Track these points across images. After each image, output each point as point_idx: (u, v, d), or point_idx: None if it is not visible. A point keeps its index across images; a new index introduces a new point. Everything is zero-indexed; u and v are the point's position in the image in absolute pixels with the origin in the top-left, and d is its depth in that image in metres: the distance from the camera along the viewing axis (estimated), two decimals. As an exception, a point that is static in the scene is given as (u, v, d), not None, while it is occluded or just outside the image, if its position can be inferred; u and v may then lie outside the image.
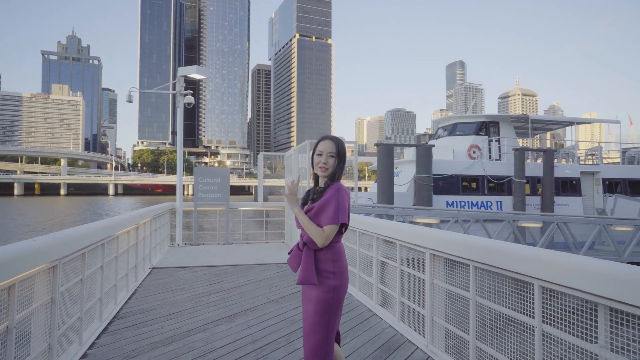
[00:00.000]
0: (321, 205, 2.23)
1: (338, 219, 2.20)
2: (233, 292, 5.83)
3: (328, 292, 2.26)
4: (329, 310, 2.26)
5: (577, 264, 2.18)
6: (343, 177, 2.40)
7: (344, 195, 2.25)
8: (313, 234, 2.21)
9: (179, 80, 9.89)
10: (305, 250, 2.28)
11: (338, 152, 2.33)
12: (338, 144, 2.34)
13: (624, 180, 19.40)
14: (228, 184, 10.47)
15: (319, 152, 2.34)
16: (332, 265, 2.28)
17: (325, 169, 2.30)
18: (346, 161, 2.39)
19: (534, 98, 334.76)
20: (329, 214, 2.20)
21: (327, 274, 2.27)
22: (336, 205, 2.20)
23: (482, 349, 2.97)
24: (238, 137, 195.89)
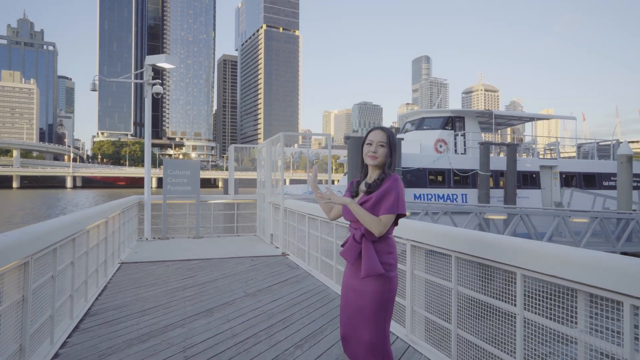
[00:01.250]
0: (380, 196, 2.20)
1: (397, 209, 2.18)
2: (208, 286, 5.74)
3: (386, 285, 2.22)
4: (386, 304, 2.23)
5: (559, 253, 2.28)
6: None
7: (402, 185, 2.24)
8: (370, 223, 2.17)
9: (146, 69, 9.55)
10: (365, 242, 2.23)
11: (388, 141, 2.31)
12: (389, 134, 2.32)
13: (579, 174, 20.40)
14: (198, 177, 10.26)
15: (369, 142, 2.31)
16: (388, 257, 2.26)
17: (375, 157, 2.28)
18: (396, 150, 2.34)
19: (496, 94, 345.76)
20: (388, 203, 2.18)
21: (385, 266, 2.24)
22: (396, 195, 2.19)
23: (463, 337, 3.06)
24: (203, 129, 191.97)
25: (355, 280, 2.29)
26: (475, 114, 21.06)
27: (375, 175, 2.33)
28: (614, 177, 20.66)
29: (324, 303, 4.95)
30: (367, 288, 2.23)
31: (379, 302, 2.21)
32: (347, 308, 2.31)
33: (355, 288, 2.28)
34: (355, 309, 2.26)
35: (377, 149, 2.29)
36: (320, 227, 6.16)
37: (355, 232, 2.29)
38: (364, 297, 2.23)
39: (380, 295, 2.22)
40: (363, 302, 2.23)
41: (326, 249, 6.01)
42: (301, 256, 7.30)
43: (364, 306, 2.22)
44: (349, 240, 2.33)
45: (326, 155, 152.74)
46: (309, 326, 4.17)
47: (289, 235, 8.11)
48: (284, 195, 8.25)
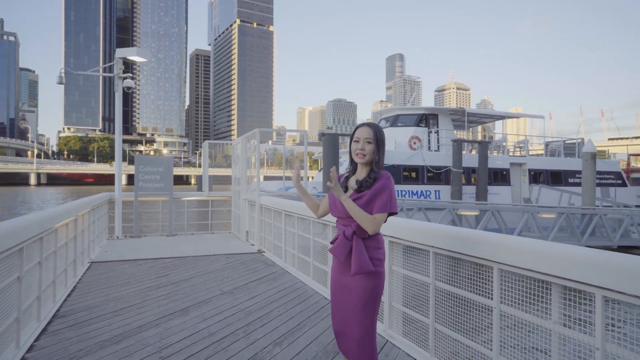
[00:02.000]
0: (374, 194, 2.20)
1: (389, 208, 2.19)
2: (183, 284, 5.63)
3: (375, 280, 2.25)
4: (375, 299, 2.26)
5: (535, 247, 2.33)
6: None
7: (393, 183, 2.24)
8: (364, 221, 2.16)
9: (117, 62, 9.25)
10: (356, 239, 2.23)
11: (375, 138, 2.28)
12: (376, 130, 2.30)
13: (546, 171, 21.10)
14: (171, 173, 10.04)
15: (355, 139, 2.29)
16: (379, 252, 2.28)
17: (363, 155, 2.26)
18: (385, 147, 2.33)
19: (467, 92, 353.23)
20: (381, 202, 2.18)
21: (376, 262, 2.25)
22: (389, 193, 2.20)
23: (440, 330, 3.10)
24: (175, 125, 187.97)
25: (345, 277, 2.29)
26: (448, 112, 21.45)
27: (365, 172, 2.32)
28: (578, 175, 21.47)
29: (301, 300, 4.94)
30: (357, 284, 2.24)
31: (368, 298, 2.23)
32: (338, 304, 2.32)
33: (345, 284, 2.29)
34: (346, 305, 2.27)
35: (364, 146, 2.27)
36: (297, 224, 6.13)
37: (345, 229, 2.27)
38: (354, 293, 2.25)
39: (370, 291, 2.24)
40: (353, 298, 2.25)
41: (303, 245, 5.99)
42: (278, 253, 7.26)
43: (354, 302, 2.24)
44: (339, 237, 2.30)
45: (301, 152, 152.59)
46: (287, 323, 4.15)
47: (265, 232, 8.05)
48: (259, 192, 8.17)
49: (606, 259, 1.96)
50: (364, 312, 2.23)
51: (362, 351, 2.23)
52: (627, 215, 14.83)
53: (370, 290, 2.23)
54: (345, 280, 2.28)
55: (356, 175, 2.35)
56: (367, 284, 2.23)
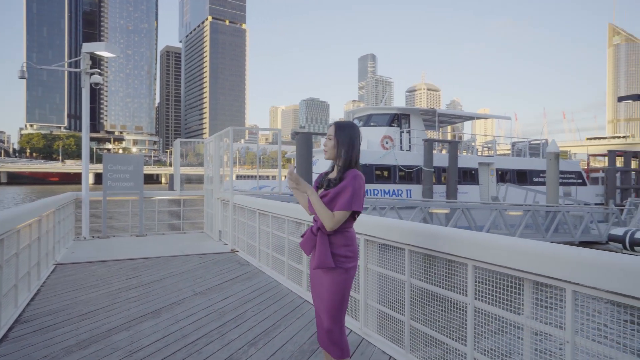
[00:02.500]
0: (337, 192, 2.25)
1: (351, 206, 2.23)
2: (154, 286, 5.49)
3: (341, 276, 2.32)
4: (341, 293, 2.33)
5: (508, 244, 2.39)
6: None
7: (360, 182, 2.26)
8: (323, 217, 2.24)
9: (84, 57, 8.92)
10: (320, 235, 2.31)
11: (335, 134, 2.34)
12: (337, 127, 2.36)
13: (512, 170, 21.76)
14: (142, 172, 9.77)
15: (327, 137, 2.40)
16: (345, 249, 2.34)
17: (325, 151, 2.37)
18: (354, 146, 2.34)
19: (438, 93, 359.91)
20: (343, 200, 2.23)
21: (340, 259, 2.32)
22: (352, 192, 2.23)
23: (416, 327, 3.14)
24: (145, 123, 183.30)
25: (317, 272, 2.40)
26: (419, 112, 21.80)
27: (336, 170, 2.40)
28: (542, 174, 22.27)
29: (276, 300, 4.90)
30: (326, 278, 2.35)
31: (335, 292, 2.33)
32: (314, 297, 2.45)
33: (316, 278, 2.41)
34: (318, 298, 2.41)
35: (326, 143, 2.37)
36: (272, 223, 6.08)
37: (314, 225, 2.38)
38: (323, 286, 2.36)
39: (336, 286, 2.33)
40: (323, 291, 2.36)
41: (278, 244, 5.94)
42: (251, 253, 7.18)
43: (324, 295, 2.35)
44: (307, 232, 2.42)
45: (273, 151, 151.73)
46: (262, 323, 4.11)
47: (239, 232, 7.95)
48: (233, 191, 8.07)
49: (575, 255, 2.02)
50: (331, 305, 2.33)
51: (332, 342, 2.36)
52: (588, 213, 15.49)
53: (335, 286, 2.32)
54: (317, 274, 2.40)
55: (331, 174, 2.42)
56: (333, 279, 2.33)
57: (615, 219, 16.03)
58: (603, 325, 2.02)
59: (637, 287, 1.73)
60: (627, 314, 1.92)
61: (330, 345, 2.37)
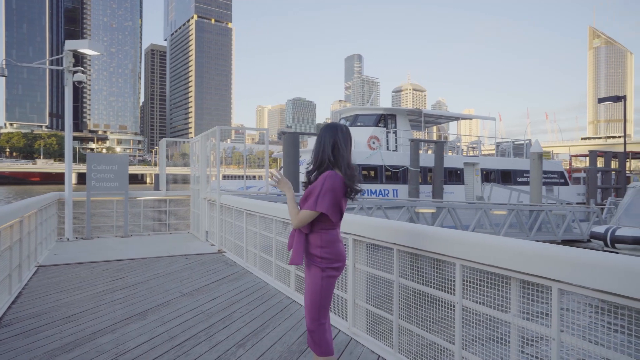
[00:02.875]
0: (308, 192, 2.35)
1: (316, 207, 2.27)
2: (140, 287, 5.42)
3: (317, 275, 2.39)
4: (318, 292, 2.39)
5: (496, 243, 2.42)
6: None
7: (329, 183, 2.25)
8: (291, 214, 2.39)
9: (66, 55, 8.75)
10: (297, 233, 2.39)
11: (319, 137, 2.43)
12: (321, 129, 2.43)
13: (497, 170, 22.07)
14: (127, 172, 9.63)
15: None
16: (320, 250, 2.37)
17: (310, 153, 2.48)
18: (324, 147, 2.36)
19: (423, 93, 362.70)
20: (311, 200, 2.29)
21: (315, 259, 2.39)
22: (318, 192, 2.27)
23: (404, 327, 3.16)
24: (129, 122, 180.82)
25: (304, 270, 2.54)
26: (406, 112, 21.95)
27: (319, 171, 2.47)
28: (526, 174, 22.63)
29: (264, 300, 4.88)
30: (307, 276, 2.46)
31: (312, 291, 2.41)
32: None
33: (304, 277, 2.54)
34: (304, 296, 2.51)
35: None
36: (259, 223, 6.06)
37: None
38: (306, 284, 2.47)
39: (314, 285, 2.41)
40: (305, 289, 2.48)
41: (265, 245, 5.92)
42: (239, 253, 7.14)
43: (305, 293, 2.47)
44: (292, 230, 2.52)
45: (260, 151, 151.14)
46: (250, 324, 4.08)
47: (226, 232, 7.90)
48: (220, 191, 8.01)
49: (562, 254, 2.06)
50: (309, 303, 2.41)
51: (313, 343, 2.43)
52: (570, 212, 15.78)
53: (312, 285, 2.40)
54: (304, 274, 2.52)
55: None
56: (311, 278, 2.42)
57: (596, 218, 16.37)
58: (588, 323, 2.06)
59: (623, 285, 1.76)
60: (612, 311, 1.96)
61: (312, 344, 2.44)
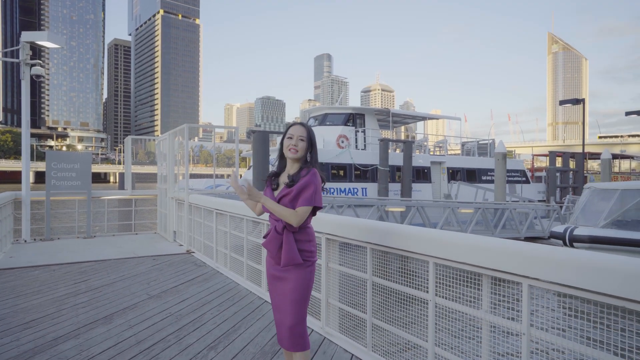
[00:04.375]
0: (300, 188, 2.33)
1: (314, 202, 2.33)
2: (105, 290, 5.21)
3: (307, 270, 2.41)
4: (307, 287, 2.42)
5: (468, 241, 2.46)
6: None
7: (320, 179, 2.40)
8: (286, 216, 2.32)
9: (23, 47, 8.31)
10: (286, 233, 2.37)
11: (309, 136, 2.44)
12: (309, 130, 2.46)
13: (462, 169, 22.66)
14: (89, 170, 9.25)
15: (289, 136, 2.42)
16: (309, 245, 2.43)
17: (296, 150, 2.39)
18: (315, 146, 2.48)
19: (392, 94, 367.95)
20: (306, 196, 2.32)
21: (306, 254, 2.41)
22: (314, 188, 2.33)
23: (378, 325, 3.17)
24: (92, 119, 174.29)
25: (278, 269, 2.44)
26: (374, 112, 22.20)
27: (295, 168, 2.47)
28: (490, 172, 23.35)
29: (235, 301, 4.80)
30: (290, 275, 2.40)
31: (300, 288, 2.39)
32: (274, 296, 2.48)
33: (278, 276, 2.44)
34: (280, 296, 2.44)
35: (297, 143, 2.43)
36: (230, 223, 5.96)
37: (277, 224, 2.41)
38: (287, 283, 2.41)
39: (300, 281, 2.40)
40: (286, 288, 2.41)
41: (236, 245, 5.83)
42: (208, 253, 7.00)
43: (287, 292, 2.40)
44: (270, 231, 2.44)
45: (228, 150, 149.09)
46: (221, 326, 4.01)
47: (195, 232, 7.73)
48: (188, 190, 7.83)
49: (531, 251, 2.12)
50: (295, 301, 2.38)
51: (294, 338, 2.39)
52: (532, 210, 16.40)
53: (300, 281, 2.40)
54: (278, 273, 2.44)
55: (287, 171, 2.49)
56: (300, 275, 2.40)
57: (556, 215, 17.08)
58: (557, 317, 2.12)
59: (592, 281, 1.83)
60: (578, 306, 2.03)
61: (292, 339, 2.40)
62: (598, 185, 11.21)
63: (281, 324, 2.42)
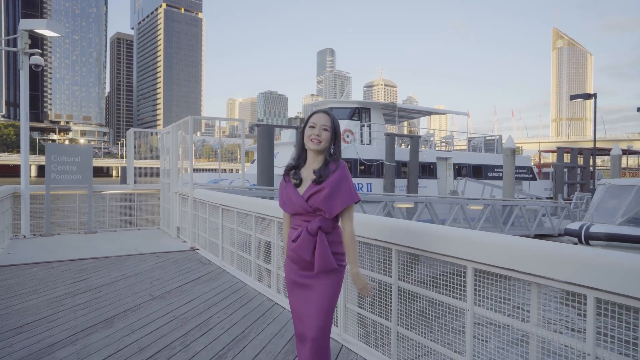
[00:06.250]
0: (335, 186, 2.09)
1: (355, 197, 2.14)
2: (105, 290, 4.94)
3: (338, 276, 2.17)
4: (336, 295, 2.17)
5: (514, 244, 2.16)
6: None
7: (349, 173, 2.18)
8: (355, 244, 2.19)
9: (22, 35, 8.01)
10: (320, 235, 2.10)
11: (333, 125, 2.19)
12: (333, 118, 2.22)
13: (469, 165, 22.31)
14: (91, 164, 8.97)
15: (311, 125, 2.17)
16: (341, 246, 2.20)
17: (319, 141, 2.14)
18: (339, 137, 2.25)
19: (394, 89, 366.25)
20: (345, 193, 2.10)
21: (340, 256, 2.18)
22: (350, 183, 2.14)
23: (404, 334, 2.88)
24: (94, 113, 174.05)
25: (305, 276, 2.16)
26: (380, 106, 21.84)
27: (319, 162, 2.18)
28: (497, 169, 23.00)
29: (243, 302, 4.52)
30: (319, 282, 2.13)
31: (333, 294, 2.15)
32: (297, 304, 2.19)
33: (305, 284, 2.17)
34: (305, 304, 2.15)
35: (320, 132, 2.16)
36: (237, 219, 5.67)
37: (308, 225, 2.12)
38: (316, 291, 2.13)
39: (336, 287, 2.17)
40: (314, 296, 2.13)
41: (244, 242, 5.55)
42: (213, 251, 6.73)
43: (314, 300, 2.12)
44: (301, 234, 2.12)
45: (231, 144, 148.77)
46: (230, 331, 3.72)
47: (199, 229, 7.45)
48: (193, 185, 7.54)
49: (599, 258, 1.82)
50: (322, 310, 2.12)
51: (321, 351, 2.12)
52: (542, 207, 16.07)
53: (334, 287, 2.16)
54: (304, 280, 2.16)
55: (309, 166, 2.20)
56: (333, 281, 2.15)
57: (565, 213, 16.74)
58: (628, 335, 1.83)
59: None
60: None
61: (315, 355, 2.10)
62: (614, 181, 10.88)
63: (304, 337, 2.13)
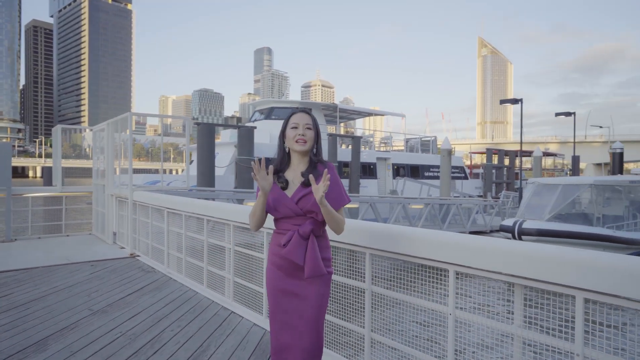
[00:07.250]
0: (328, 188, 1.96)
1: (346, 199, 2.07)
2: (34, 306, 4.38)
3: (327, 282, 2.07)
4: (326, 302, 2.08)
5: (500, 246, 2.14)
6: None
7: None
8: (340, 223, 1.99)
9: None
10: (312, 239, 1.98)
11: (314, 124, 2.11)
12: (313, 117, 2.14)
13: (407, 165, 23.12)
14: (9, 163, 8.01)
15: (293, 125, 2.07)
16: (329, 251, 2.11)
17: (305, 141, 2.05)
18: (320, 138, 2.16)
19: (332, 90, 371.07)
20: (337, 194, 2.02)
21: (327, 262, 2.07)
22: (341, 184, 2.07)
23: (378, 340, 2.79)
24: (7, 107, 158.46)
25: (293, 283, 2.03)
26: (321, 107, 21.98)
27: (305, 164, 2.10)
28: (432, 169, 24.07)
29: (197, 313, 4.21)
30: (310, 289, 2.02)
31: (321, 303, 2.04)
32: (284, 314, 2.03)
33: (294, 292, 2.03)
34: (296, 314, 2.01)
35: (305, 132, 2.06)
36: (185, 224, 5.31)
37: (299, 228, 1.98)
38: (307, 299, 2.01)
39: (323, 295, 2.05)
40: (305, 304, 2.01)
41: (194, 248, 5.20)
42: (157, 257, 6.27)
43: (306, 309, 2.00)
44: (292, 238, 1.97)
45: (164, 143, 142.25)
46: (186, 346, 3.43)
47: (140, 234, 6.93)
48: (132, 187, 6.99)
49: (588, 259, 1.83)
50: (316, 319, 2.01)
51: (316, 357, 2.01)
52: (475, 205, 17.01)
53: (323, 295, 2.05)
54: (294, 287, 2.03)
55: (295, 168, 2.10)
56: (320, 289, 2.03)
57: (496, 210, 17.86)
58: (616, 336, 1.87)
59: None
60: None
61: None
62: (542, 180, 11.74)
63: (294, 348, 1.97)
